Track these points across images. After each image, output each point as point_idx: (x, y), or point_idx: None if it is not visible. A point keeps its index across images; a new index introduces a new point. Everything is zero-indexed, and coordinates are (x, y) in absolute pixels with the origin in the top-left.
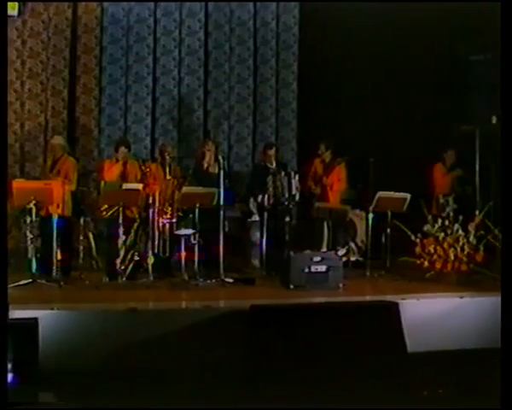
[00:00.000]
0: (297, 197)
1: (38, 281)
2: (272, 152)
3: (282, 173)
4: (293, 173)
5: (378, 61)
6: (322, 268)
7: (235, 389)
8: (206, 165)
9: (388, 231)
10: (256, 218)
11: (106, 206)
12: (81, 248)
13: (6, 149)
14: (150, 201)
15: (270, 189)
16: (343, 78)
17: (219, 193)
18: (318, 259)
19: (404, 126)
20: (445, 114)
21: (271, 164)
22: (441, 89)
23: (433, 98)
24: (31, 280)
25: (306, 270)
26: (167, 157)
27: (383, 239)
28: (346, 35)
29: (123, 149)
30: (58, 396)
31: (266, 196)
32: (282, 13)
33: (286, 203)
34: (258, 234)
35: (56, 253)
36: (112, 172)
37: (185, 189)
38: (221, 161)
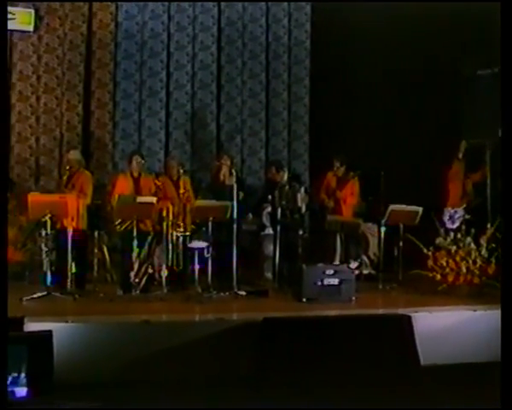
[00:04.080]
0: (303, 209)
1: (53, 294)
2: (281, 175)
3: (287, 187)
4: (297, 186)
5: (389, 75)
6: (335, 281)
7: (248, 400)
8: (222, 178)
9: (401, 244)
10: (269, 231)
11: (120, 219)
12: (95, 261)
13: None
14: (164, 214)
15: (279, 201)
16: (355, 92)
17: (233, 206)
18: (331, 272)
19: (414, 140)
20: (455, 127)
21: (281, 179)
22: (450, 103)
23: (442, 112)
24: (45, 293)
25: (319, 283)
26: (181, 170)
27: (395, 252)
28: (358, 49)
29: (137, 158)
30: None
31: (279, 209)
32: (293, 27)
33: (291, 215)
34: (271, 247)
35: (71, 266)
36: (126, 185)
37: (198, 202)
38: (234, 174)
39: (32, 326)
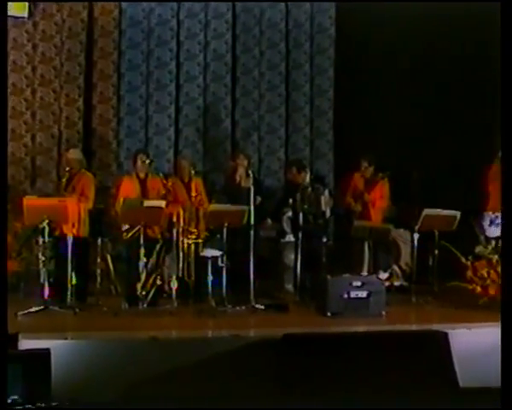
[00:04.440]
0: (327, 214)
1: (51, 308)
2: (303, 176)
3: (309, 189)
4: (321, 188)
5: (421, 67)
6: (363, 294)
7: None
8: (238, 179)
9: (436, 252)
10: (290, 238)
11: (126, 226)
12: (98, 271)
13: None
14: (174, 219)
15: (301, 205)
16: (384, 85)
17: (250, 211)
18: (358, 283)
19: (450, 137)
20: (495, 123)
21: (303, 181)
22: (491, 96)
23: (482, 106)
24: (43, 307)
25: (345, 296)
26: (192, 171)
27: (430, 262)
28: (388, 38)
29: (141, 157)
30: None
31: (301, 214)
32: (316, 13)
33: (313, 220)
34: (291, 256)
35: (71, 277)
36: (132, 188)
37: (212, 206)
38: (251, 175)
39: (27, 344)
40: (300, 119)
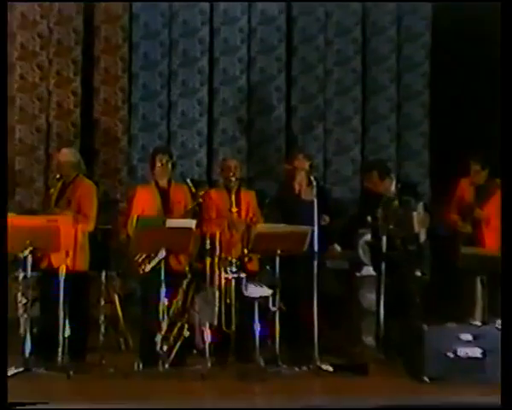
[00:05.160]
0: (422, 237)
1: (34, 370)
2: (387, 184)
3: (395, 203)
4: (412, 201)
5: None
6: (476, 352)
7: None
8: (297, 188)
9: None
10: (369, 271)
11: (141, 254)
12: (102, 318)
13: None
14: (208, 245)
15: (384, 225)
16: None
17: (313, 233)
18: (469, 337)
19: None
20: None
21: (387, 191)
22: None
23: None
24: (22, 369)
25: (450, 353)
26: (232, 178)
27: None
28: None
29: (161, 158)
30: None
31: (385, 237)
32: None
33: (403, 246)
34: (372, 296)
35: (64, 326)
36: (149, 201)
37: (260, 226)
38: (314, 183)
39: None
40: (383, 103)
